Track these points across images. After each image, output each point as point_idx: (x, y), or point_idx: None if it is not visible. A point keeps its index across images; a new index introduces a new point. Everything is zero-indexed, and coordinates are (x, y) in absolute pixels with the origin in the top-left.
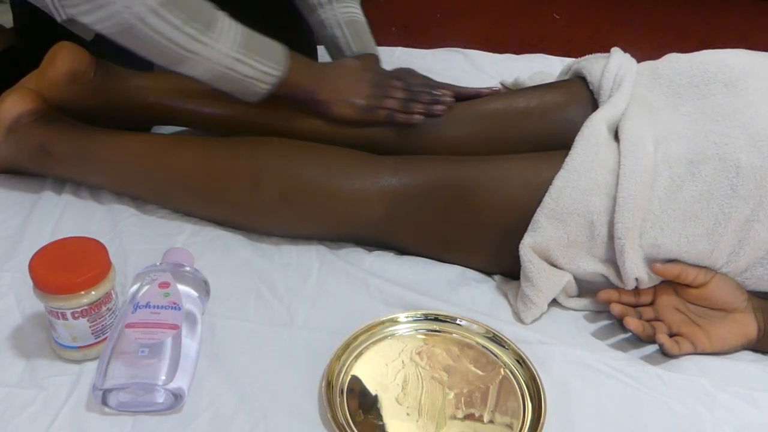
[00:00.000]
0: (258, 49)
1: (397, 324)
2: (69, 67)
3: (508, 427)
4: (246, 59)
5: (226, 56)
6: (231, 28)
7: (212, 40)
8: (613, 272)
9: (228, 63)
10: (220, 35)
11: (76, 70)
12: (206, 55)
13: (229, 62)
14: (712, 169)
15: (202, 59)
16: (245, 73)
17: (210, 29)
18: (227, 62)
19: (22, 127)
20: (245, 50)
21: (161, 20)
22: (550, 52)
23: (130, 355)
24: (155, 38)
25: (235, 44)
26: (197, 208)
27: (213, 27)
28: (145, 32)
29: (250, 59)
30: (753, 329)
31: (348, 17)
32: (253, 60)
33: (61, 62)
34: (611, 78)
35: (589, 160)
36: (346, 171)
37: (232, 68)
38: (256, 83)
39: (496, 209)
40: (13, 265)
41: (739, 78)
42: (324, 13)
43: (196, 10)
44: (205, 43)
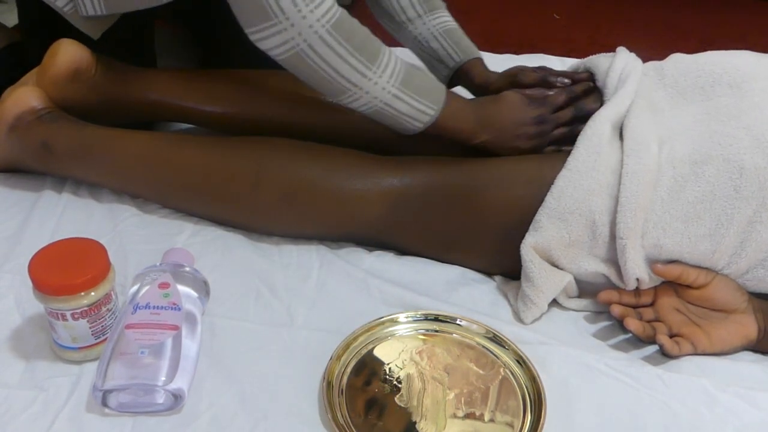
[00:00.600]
0: (416, 86)
1: (397, 324)
2: (70, 64)
3: (508, 425)
4: (403, 96)
5: (385, 91)
6: (392, 63)
7: (374, 74)
8: (614, 272)
9: (386, 98)
10: (383, 70)
11: (78, 67)
12: (366, 88)
13: (387, 98)
14: (715, 170)
15: (362, 92)
16: (401, 110)
17: (373, 62)
18: (385, 97)
19: (24, 124)
20: (404, 87)
21: (329, 49)
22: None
23: (130, 356)
24: (322, 66)
25: (395, 80)
26: (198, 207)
27: (376, 60)
28: (314, 59)
29: (408, 96)
30: (753, 330)
31: (443, 27)
32: (410, 98)
33: (62, 59)
34: (616, 76)
35: (591, 159)
36: (348, 171)
37: (389, 104)
38: (411, 121)
39: (497, 209)
40: (12, 267)
41: (744, 79)
42: (416, 28)
43: (363, 42)
44: (367, 76)
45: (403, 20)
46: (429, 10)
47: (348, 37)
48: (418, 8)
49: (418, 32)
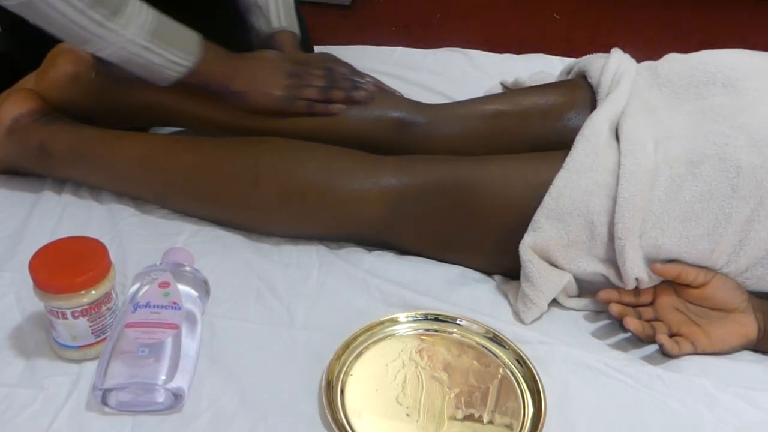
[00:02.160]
0: (168, 37)
1: (397, 324)
2: (70, 68)
3: (507, 427)
4: (154, 47)
5: (133, 43)
6: (141, 14)
7: (118, 26)
8: (613, 272)
9: (135, 50)
10: (127, 21)
11: (77, 71)
12: (112, 40)
13: (135, 49)
14: (712, 170)
15: (107, 43)
16: (154, 61)
17: (117, 14)
18: (134, 49)
19: (22, 127)
20: (153, 38)
21: (65, 4)
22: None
23: (130, 355)
24: (58, 18)
25: (143, 32)
26: (197, 209)
27: (120, 12)
28: (47, 11)
29: (159, 48)
30: (753, 329)
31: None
32: (162, 49)
33: (63, 63)
34: (610, 76)
35: (589, 160)
36: (346, 171)
37: (138, 54)
38: (165, 71)
39: (496, 209)
40: (13, 265)
41: (738, 78)
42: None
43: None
44: (110, 29)
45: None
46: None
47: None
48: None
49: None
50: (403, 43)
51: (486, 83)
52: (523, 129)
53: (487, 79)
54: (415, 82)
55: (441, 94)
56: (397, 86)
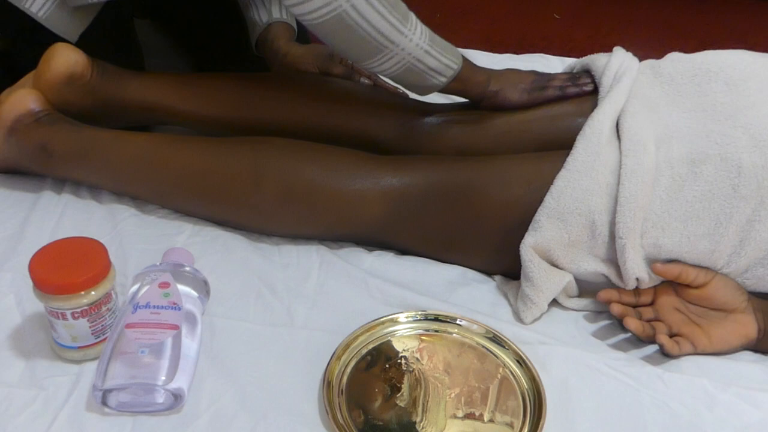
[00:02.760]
0: (441, 44)
1: (397, 324)
2: (66, 68)
3: (508, 426)
4: (433, 52)
5: (419, 47)
6: (419, 22)
7: (409, 31)
8: (613, 272)
9: (419, 55)
10: (415, 27)
11: (73, 71)
12: (403, 45)
13: (420, 54)
14: (713, 169)
15: (398, 50)
16: (431, 66)
17: (407, 19)
18: (418, 54)
19: (23, 127)
20: (432, 43)
21: (371, 7)
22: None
23: (130, 356)
24: (363, 26)
25: (426, 36)
26: (197, 208)
27: (408, 17)
28: (355, 19)
29: (437, 52)
30: (753, 329)
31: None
32: (438, 53)
33: (58, 63)
34: (611, 75)
35: (590, 159)
36: (347, 171)
37: (421, 60)
38: (437, 76)
39: (497, 209)
40: (13, 265)
41: (740, 78)
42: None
43: (396, 1)
44: (403, 33)
45: None
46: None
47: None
48: None
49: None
50: None
51: None
52: (524, 128)
53: None
54: None
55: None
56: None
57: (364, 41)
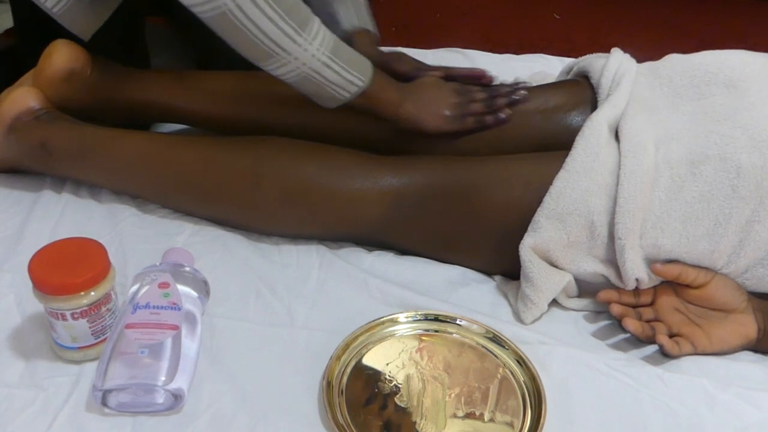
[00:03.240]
0: (345, 56)
1: (397, 324)
2: (65, 64)
3: (508, 425)
4: (333, 65)
5: (315, 59)
6: (321, 32)
7: (305, 41)
8: (613, 272)
9: (315, 66)
10: (313, 37)
11: (73, 67)
12: (296, 54)
13: (316, 65)
14: (712, 170)
15: (291, 58)
16: (330, 79)
17: (304, 29)
18: (315, 65)
19: (22, 125)
20: (333, 55)
21: (259, 11)
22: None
23: (130, 356)
24: (249, 28)
25: (325, 48)
26: (197, 207)
27: (307, 27)
28: (241, 20)
29: (338, 66)
30: (753, 329)
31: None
32: (340, 67)
33: (57, 60)
34: (610, 77)
35: (589, 160)
36: (347, 171)
37: (318, 72)
38: (339, 90)
39: (496, 209)
40: (12, 266)
41: (740, 79)
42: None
43: (293, 7)
44: (297, 42)
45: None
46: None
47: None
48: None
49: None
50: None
51: None
52: (523, 129)
53: None
54: None
55: None
56: None
57: (254, 44)
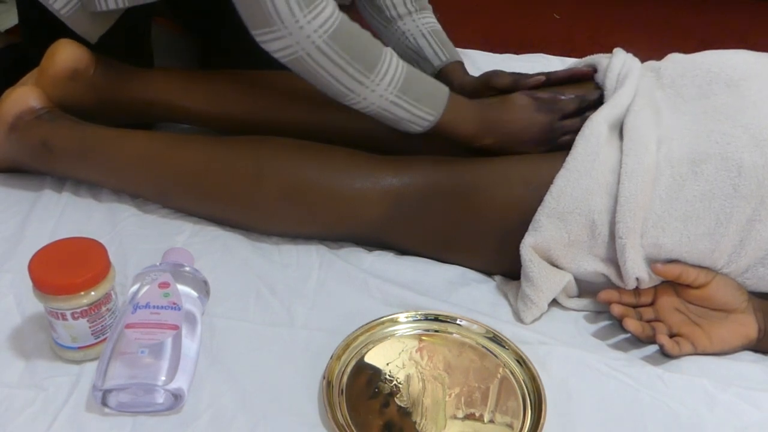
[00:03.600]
0: (415, 92)
1: (397, 324)
2: (69, 63)
3: (508, 426)
4: (401, 102)
5: (383, 98)
6: (392, 70)
7: (371, 82)
8: (613, 272)
9: (383, 105)
10: (382, 78)
11: (76, 66)
12: (365, 95)
13: (384, 104)
14: (714, 169)
15: (360, 98)
16: (399, 115)
17: (371, 71)
18: (383, 104)
19: (24, 124)
20: (402, 93)
21: (326, 58)
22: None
23: (130, 356)
24: (321, 73)
25: (393, 87)
26: (198, 207)
27: (374, 69)
28: (312, 65)
29: (406, 103)
30: (753, 329)
31: (431, 27)
32: (408, 104)
33: (61, 59)
34: (614, 77)
35: (590, 159)
36: (347, 171)
37: (387, 109)
38: (410, 124)
39: (496, 209)
40: (12, 266)
41: (741, 78)
42: (404, 24)
43: (361, 51)
44: (364, 84)
45: (393, 16)
46: (419, 9)
47: (346, 46)
48: (409, 6)
49: (406, 28)
50: None
51: None
52: None
53: None
54: None
55: None
56: None
57: (328, 85)
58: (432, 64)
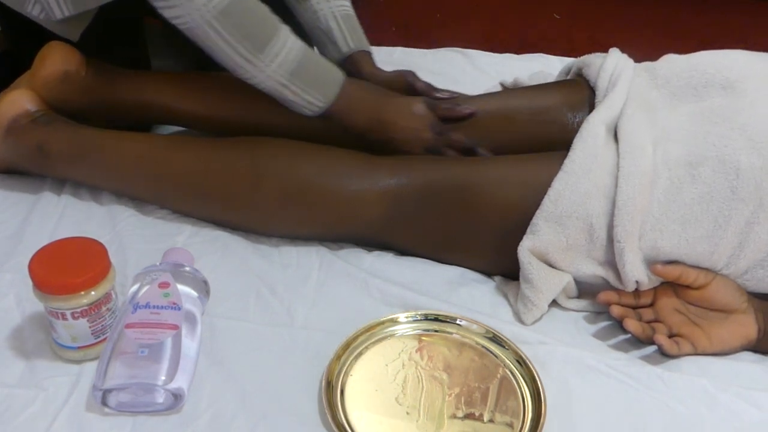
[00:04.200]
0: (307, 77)
1: (397, 324)
2: (60, 66)
3: (508, 426)
4: (290, 86)
5: (271, 79)
6: (284, 52)
7: (261, 62)
8: (612, 275)
9: (273, 86)
10: (272, 59)
11: (67, 69)
12: (254, 74)
13: (274, 85)
14: (711, 171)
15: (250, 76)
16: (289, 98)
17: (261, 51)
18: (273, 85)
19: (19, 127)
20: (292, 77)
21: (215, 33)
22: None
23: (130, 356)
24: (211, 47)
25: (284, 71)
26: (196, 209)
27: (265, 49)
28: (202, 39)
29: (296, 87)
30: (753, 330)
31: (343, 11)
32: (298, 88)
33: (52, 62)
34: (607, 78)
35: (588, 162)
36: (345, 171)
37: (277, 90)
38: (301, 107)
39: (494, 211)
40: (13, 266)
41: (737, 79)
42: (318, 3)
43: (252, 30)
44: (253, 63)
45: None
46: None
47: (236, 23)
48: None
49: (319, 8)
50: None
51: (486, 83)
52: (520, 129)
53: (487, 79)
54: None
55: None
56: None
57: (220, 58)
58: (340, 49)
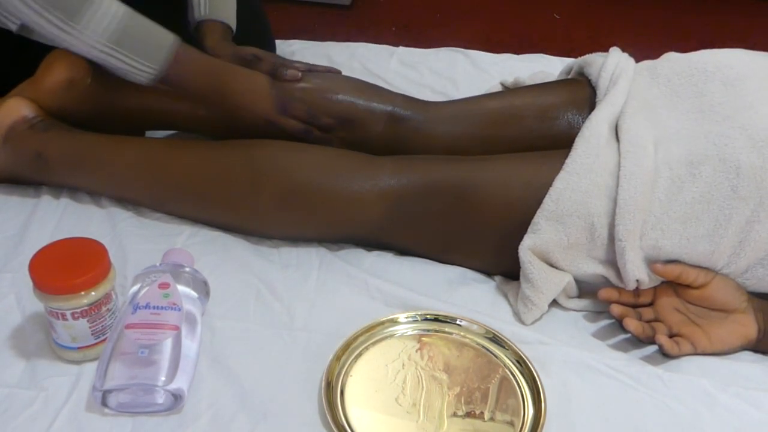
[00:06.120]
0: (131, 43)
1: (397, 324)
2: (66, 74)
3: (509, 424)
4: (115, 54)
5: (91, 47)
6: (103, 20)
7: (76, 31)
8: (613, 274)
9: (96, 54)
10: (86, 26)
11: (73, 77)
12: (72, 42)
13: (96, 53)
14: (712, 170)
15: (67, 44)
16: (116, 65)
17: (73, 19)
18: (94, 53)
19: (17, 135)
20: (115, 45)
21: (23, 4)
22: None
23: (130, 356)
24: (25, 19)
25: (103, 36)
26: (195, 212)
27: (77, 17)
28: (15, 12)
29: (120, 54)
30: (753, 330)
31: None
32: (122, 54)
33: (58, 70)
34: (608, 77)
35: (589, 161)
36: (345, 172)
37: (101, 58)
38: (133, 75)
39: (495, 210)
40: (13, 266)
41: (738, 78)
42: None
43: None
44: (67, 32)
45: None
46: None
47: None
48: None
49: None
50: (403, 43)
51: (486, 83)
52: (522, 128)
53: (487, 79)
54: (415, 81)
55: (441, 94)
56: (398, 86)
57: (38, 30)
58: (193, 15)
